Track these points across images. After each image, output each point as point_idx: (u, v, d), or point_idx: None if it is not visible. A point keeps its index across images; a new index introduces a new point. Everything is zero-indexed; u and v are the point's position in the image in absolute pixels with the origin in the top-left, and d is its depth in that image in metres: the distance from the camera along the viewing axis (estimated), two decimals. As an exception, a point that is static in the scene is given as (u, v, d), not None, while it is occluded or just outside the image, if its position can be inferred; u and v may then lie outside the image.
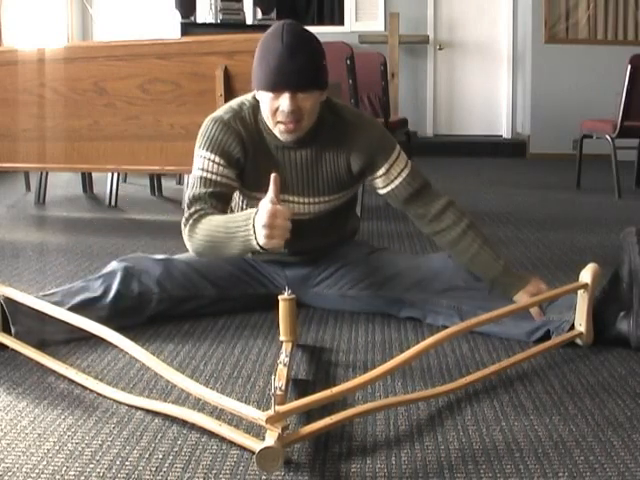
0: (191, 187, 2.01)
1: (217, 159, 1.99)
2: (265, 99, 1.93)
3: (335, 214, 2.19)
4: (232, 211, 2.16)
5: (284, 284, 2.05)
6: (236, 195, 2.13)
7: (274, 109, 1.92)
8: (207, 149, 2.00)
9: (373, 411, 1.54)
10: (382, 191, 2.13)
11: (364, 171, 2.09)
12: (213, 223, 1.91)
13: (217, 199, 1.99)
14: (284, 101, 1.89)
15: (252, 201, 2.10)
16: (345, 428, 1.49)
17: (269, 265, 2.27)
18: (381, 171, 2.08)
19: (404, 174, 2.09)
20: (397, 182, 2.09)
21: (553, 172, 6.15)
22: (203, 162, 2.00)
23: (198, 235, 1.94)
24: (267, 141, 2.04)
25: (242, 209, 2.15)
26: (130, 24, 7.37)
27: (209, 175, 1.99)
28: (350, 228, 2.34)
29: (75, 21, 7.55)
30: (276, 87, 1.88)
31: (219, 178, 1.99)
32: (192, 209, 1.97)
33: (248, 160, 2.04)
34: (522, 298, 2.00)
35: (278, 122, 1.94)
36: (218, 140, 2.00)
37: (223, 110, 2.06)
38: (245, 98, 2.08)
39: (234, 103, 2.08)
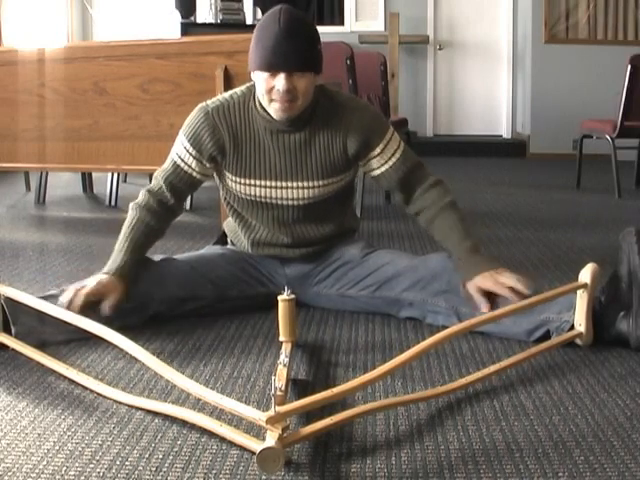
0: (166, 162, 2.18)
1: (191, 151, 2.13)
2: (261, 78, 1.98)
3: (330, 203, 2.20)
4: (226, 198, 2.24)
5: (284, 283, 2.06)
6: (229, 181, 2.17)
7: (269, 88, 1.97)
8: (187, 138, 2.13)
9: (373, 411, 1.54)
10: (377, 172, 2.16)
11: (360, 152, 2.13)
12: (123, 228, 2.14)
13: (173, 192, 2.16)
14: (280, 81, 1.94)
15: (243, 187, 2.14)
16: (345, 428, 1.49)
17: (269, 262, 2.27)
18: (377, 150, 2.13)
19: (398, 154, 2.15)
20: (392, 162, 2.14)
21: (553, 172, 6.15)
22: (180, 148, 2.15)
23: (127, 217, 2.16)
24: (259, 127, 2.09)
25: (235, 196, 2.20)
26: (130, 24, 7.37)
27: (180, 163, 2.16)
28: (348, 225, 2.34)
29: (75, 21, 7.55)
30: (272, 67, 1.94)
31: (186, 168, 2.15)
32: (150, 187, 2.18)
33: (232, 151, 2.10)
34: (471, 289, 2.01)
35: (273, 100, 1.98)
36: (196, 133, 2.11)
37: (213, 99, 2.14)
38: (239, 88, 2.15)
39: (227, 93, 2.16)
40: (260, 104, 2.06)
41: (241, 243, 2.31)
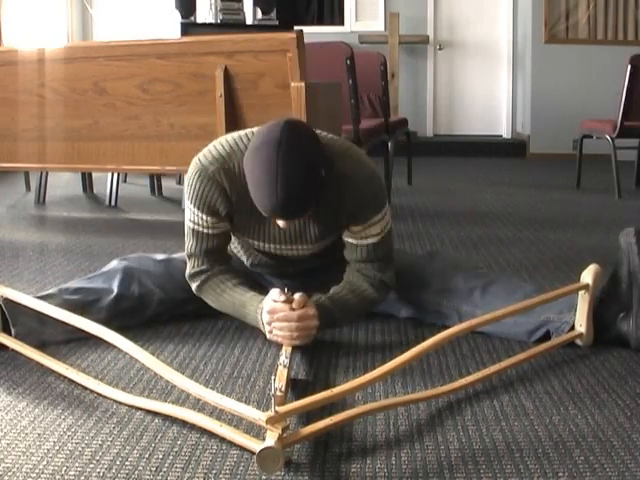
0: (186, 236, 2.03)
1: (204, 217, 1.96)
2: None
3: (333, 245, 2.13)
4: None
5: (283, 286, 2.05)
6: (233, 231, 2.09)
7: (272, 218, 1.87)
8: (194, 205, 1.96)
9: (373, 411, 1.54)
10: (344, 237, 2.03)
11: (343, 222, 2.00)
12: (221, 300, 2.01)
13: (214, 253, 2.02)
14: (281, 222, 1.85)
15: (245, 242, 2.10)
16: (345, 428, 1.49)
17: (268, 274, 2.25)
18: (355, 228, 1.99)
19: (372, 240, 2.00)
20: (359, 241, 2.01)
21: (553, 172, 6.15)
22: (193, 216, 1.98)
23: (208, 300, 2.05)
24: None
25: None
26: (130, 24, 7.37)
27: (200, 229, 1.99)
28: None
29: (75, 21, 7.55)
30: (271, 217, 1.84)
31: (210, 231, 1.99)
32: (192, 269, 2.03)
33: (235, 209, 1.98)
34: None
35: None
36: (204, 197, 1.94)
37: (210, 158, 1.93)
38: (236, 143, 1.95)
39: (223, 150, 1.94)
40: None
41: (240, 257, 2.27)
